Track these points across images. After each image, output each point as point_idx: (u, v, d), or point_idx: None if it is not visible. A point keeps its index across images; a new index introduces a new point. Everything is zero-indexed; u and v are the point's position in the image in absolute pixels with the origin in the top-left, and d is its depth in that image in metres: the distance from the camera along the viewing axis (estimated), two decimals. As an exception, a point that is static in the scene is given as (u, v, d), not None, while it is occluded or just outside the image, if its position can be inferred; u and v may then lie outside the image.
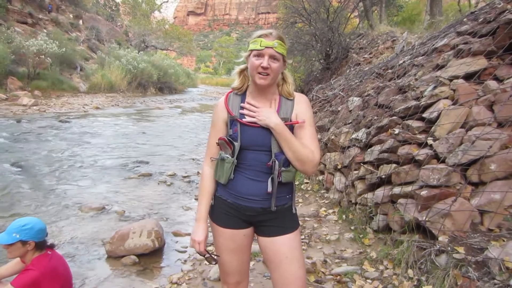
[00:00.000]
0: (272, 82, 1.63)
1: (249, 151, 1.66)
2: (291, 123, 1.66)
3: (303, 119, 1.67)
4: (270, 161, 1.63)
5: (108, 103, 16.81)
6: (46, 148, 7.57)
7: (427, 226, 2.77)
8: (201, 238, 1.75)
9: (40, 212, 4.42)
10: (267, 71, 1.57)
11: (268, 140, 1.63)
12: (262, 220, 1.71)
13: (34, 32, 19.63)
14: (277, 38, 1.60)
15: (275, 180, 1.62)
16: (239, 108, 1.70)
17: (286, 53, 1.65)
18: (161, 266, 3.42)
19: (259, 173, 1.66)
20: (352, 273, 2.91)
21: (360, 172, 4.04)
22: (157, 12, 41.27)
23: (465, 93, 3.35)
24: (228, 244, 1.77)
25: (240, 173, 1.68)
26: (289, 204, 1.74)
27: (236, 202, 1.70)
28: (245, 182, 1.68)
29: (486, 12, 4.31)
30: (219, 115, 1.75)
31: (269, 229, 1.72)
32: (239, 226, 1.74)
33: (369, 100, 5.05)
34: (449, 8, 16.05)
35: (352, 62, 10.53)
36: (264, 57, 1.57)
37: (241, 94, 1.75)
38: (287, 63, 1.73)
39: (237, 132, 1.66)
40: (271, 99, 1.70)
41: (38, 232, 2.07)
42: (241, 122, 1.66)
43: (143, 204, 4.94)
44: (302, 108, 1.70)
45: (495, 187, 2.71)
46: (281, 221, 1.71)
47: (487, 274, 2.21)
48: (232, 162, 1.66)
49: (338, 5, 13.66)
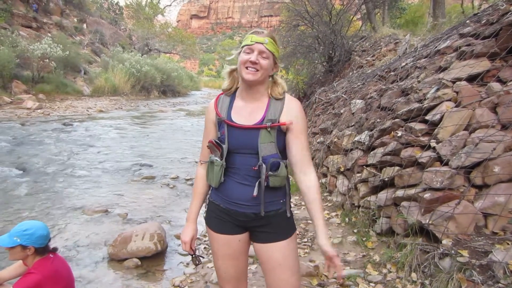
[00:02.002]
0: (260, 79, 1.57)
1: (237, 154, 1.63)
2: (278, 124, 1.59)
3: (291, 120, 1.60)
4: (256, 165, 1.58)
5: (111, 106, 16.87)
6: (50, 151, 7.60)
7: (431, 229, 2.75)
8: (187, 239, 1.76)
9: (43, 214, 4.43)
10: (256, 66, 1.54)
11: (255, 142, 1.59)
12: (255, 225, 1.68)
13: (39, 36, 19.76)
14: (269, 36, 1.58)
15: (262, 185, 1.58)
16: (228, 110, 1.67)
17: (277, 54, 1.62)
18: (163, 269, 3.42)
19: (247, 177, 1.62)
20: (355, 277, 2.89)
21: (363, 175, 4.03)
22: (161, 15, 41.37)
23: (468, 95, 3.33)
24: (223, 250, 1.74)
25: (229, 177, 1.66)
26: (283, 209, 1.69)
27: (228, 207, 1.68)
28: (234, 186, 1.65)
29: (489, 14, 4.29)
30: (209, 117, 1.74)
31: (263, 235, 1.69)
32: (233, 232, 1.72)
33: (371, 103, 5.04)
34: (452, 10, 16.01)
35: (354, 64, 10.51)
36: (253, 52, 1.55)
37: (230, 96, 1.72)
38: (278, 67, 1.68)
39: (225, 134, 1.63)
40: (259, 100, 1.65)
41: (38, 238, 2.07)
42: (228, 123, 1.63)
43: (146, 207, 4.94)
44: (294, 112, 1.63)
45: (499, 189, 2.69)
46: (275, 226, 1.67)
47: (491, 277, 2.19)
48: (221, 165, 1.63)
49: (340, 7, 13.64)
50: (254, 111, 1.63)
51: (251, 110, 1.64)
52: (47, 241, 2.16)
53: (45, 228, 2.15)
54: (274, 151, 1.61)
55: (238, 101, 1.68)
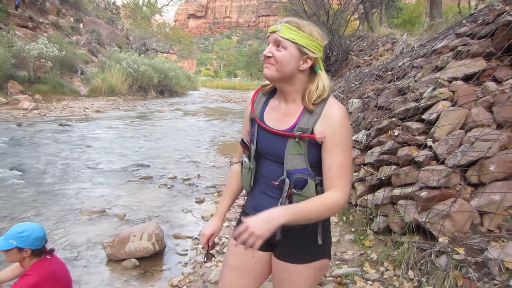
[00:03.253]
0: (278, 75, 1.31)
1: (265, 160, 1.43)
2: (308, 136, 1.30)
3: (324, 135, 1.29)
4: (278, 179, 1.35)
5: (109, 107, 16.83)
6: (47, 152, 7.58)
7: (427, 227, 2.78)
8: (207, 232, 1.61)
9: (40, 215, 4.42)
10: (270, 60, 1.30)
11: (282, 152, 1.34)
12: (280, 243, 1.44)
13: (35, 36, 19.68)
14: (285, 22, 1.29)
15: (283, 203, 1.33)
16: (263, 107, 1.46)
17: (305, 41, 1.28)
18: (161, 269, 3.42)
19: (272, 187, 1.40)
20: (352, 275, 2.91)
21: (360, 173, 4.05)
22: (158, 15, 41.37)
23: (464, 95, 3.36)
24: (232, 260, 1.56)
25: (257, 184, 1.46)
26: (310, 230, 1.39)
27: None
28: (258, 196, 1.46)
29: (485, 14, 4.33)
30: (246, 111, 1.53)
31: (282, 251, 1.46)
32: None
33: (369, 102, 5.06)
34: (449, 10, 16.08)
35: (352, 64, 10.55)
36: (269, 45, 1.32)
37: (267, 94, 1.49)
38: (315, 59, 1.33)
39: (254, 134, 1.43)
40: (295, 101, 1.37)
41: (35, 240, 2.06)
42: (258, 123, 1.42)
43: (143, 207, 4.94)
44: (333, 122, 1.30)
45: (494, 188, 2.72)
46: (297, 246, 1.42)
47: (487, 274, 2.21)
48: (249, 167, 1.44)
49: (338, 7, 13.69)
50: (289, 114, 1.38)
51: (285, 112, 1.39)
52: (44, 243, 2.14)
53: (41, 230, 2.14)
54: (304, 165, 1.34)
55: (275, 99, 1.45)
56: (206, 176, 6.61)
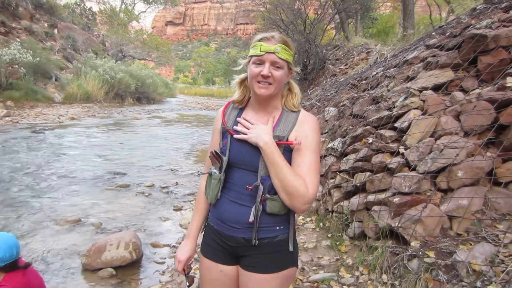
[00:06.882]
0: (275, 92, 1.41)
1: (237, 169, 1.46)
2: (284, 143, 1.40)
3: (300, 141, 1.39)
4: (252, 185, 1.39)
5: (84, 114, 16.50)
6: (19, 160, 7.37)
7: (400, 232, 2.87)
8: (182, 258, 1.60)
9: (13, 225, 4.30)
10: (269, 80, 1.37)
11: (257, 159, 1.40)
12: (246, 254, 1.48)
13: (7, 41, 19.13)
14: (280, 42, 1.38)
15: (257, 209, 1.38)
16: (235, 119, 1.51)
17: (292, 59, 1.43)
18: (139, 278, 3.39)
19: (243, 195, 1.43)
20: (329, 280, 2.97)
21: (336, 180, 4.13)
22: (135, 22, 41.01)
23: (434, 104, 3.51)
24: (204, 274, 1.58)
25: (224, 194, 1.48)
26: (281, 238, 1.45)
27: (219, 230, 1.50)
28: (227, 206, 1.47)
29: (453, 27, 4.54)
30: (216, 124, 1.58)
31: (248, 261, 1.48)
32: (217, 259, 1.53)
33: (344, 110, 5.19)
34: (421, 21, 16.68)
35: (328, 73, 10.76)
36: (264, 64, 1.37)
37: (241, 107, 1.56)
38: (293, 72, 1.49)
39: (227, 145, 1.47)
40: (271, 113, 1.48)
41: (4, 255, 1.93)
42: (231, 134, 1.47)
43: (120, 216, 4.87)
44: (305, 128, 1.43)
45: (462, 193, 2.84)
46: (265, 256, 1.45)
47: (455, 276, 2.31)
48: (219, 178, 1.46)
49: (314, 17, 13.96)
50: (265, 124, 1.46)
51: (262, 122, 1.46)
52: (16, 256, 2.02)
53: (9, 242, 1.99)
54: None
55: (249, 111, 1.53)
56: (184, 184, 6.57)
